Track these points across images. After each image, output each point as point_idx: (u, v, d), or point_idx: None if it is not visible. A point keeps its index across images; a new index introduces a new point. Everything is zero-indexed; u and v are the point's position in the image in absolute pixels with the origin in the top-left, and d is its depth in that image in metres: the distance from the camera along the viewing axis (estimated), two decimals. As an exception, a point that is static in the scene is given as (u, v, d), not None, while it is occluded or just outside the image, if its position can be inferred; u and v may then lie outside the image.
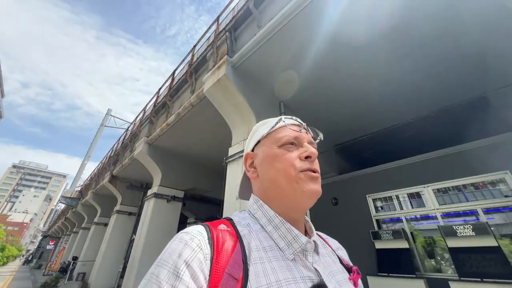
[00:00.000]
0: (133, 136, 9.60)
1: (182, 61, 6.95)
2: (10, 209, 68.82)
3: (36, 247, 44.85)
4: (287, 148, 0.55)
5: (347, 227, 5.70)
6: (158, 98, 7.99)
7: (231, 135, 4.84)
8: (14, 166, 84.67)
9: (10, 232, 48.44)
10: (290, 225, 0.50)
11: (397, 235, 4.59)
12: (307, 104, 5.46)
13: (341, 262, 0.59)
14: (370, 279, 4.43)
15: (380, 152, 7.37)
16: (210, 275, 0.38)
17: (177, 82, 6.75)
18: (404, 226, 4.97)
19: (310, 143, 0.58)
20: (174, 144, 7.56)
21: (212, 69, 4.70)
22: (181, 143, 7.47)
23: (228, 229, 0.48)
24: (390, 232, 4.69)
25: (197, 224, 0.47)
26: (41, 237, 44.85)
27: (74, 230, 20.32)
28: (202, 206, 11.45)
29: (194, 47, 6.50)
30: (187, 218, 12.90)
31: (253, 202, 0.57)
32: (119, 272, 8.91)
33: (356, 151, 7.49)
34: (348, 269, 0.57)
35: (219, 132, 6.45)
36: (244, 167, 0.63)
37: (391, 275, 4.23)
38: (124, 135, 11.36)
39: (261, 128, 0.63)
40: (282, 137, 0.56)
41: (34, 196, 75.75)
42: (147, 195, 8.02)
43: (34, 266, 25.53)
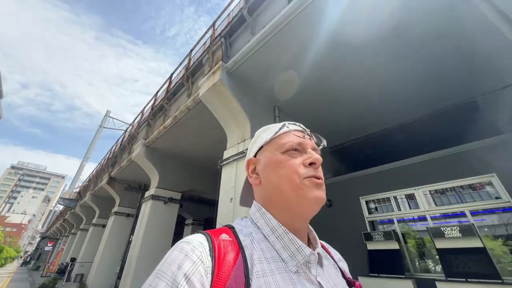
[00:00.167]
0: (131, 138, 9.69)
1: (180, 64, 7.07)
2: (8, 210, 68.60)
3: (34, 248, 44.72)
4: (291, 154, 0.54)
5: (341, 228, 5.80)
6: (155, 101, 8.10)
7: (227, 138, 4.95)
8: (12, 167, 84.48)
9: (8, 233, 48.25)
10: (293, 235, 0.49)
11: (387, 236, 4.69)
12: (302, 107, 5.57)
13: (343, 275, 0.57)
14: (361, 279, 4.52)
15: (374, 155, 7.49)
16: None
17: (174, 86, 6.87)
18: (395, 227, 5.08)
19: (314, 149, 0.57)
20: (172, 146, 7.66)
21: (208, 74, 4.81)
22: (178, 145, 7.57)
23: (230, 238, 0.46)
24: (381, 234, 4.80)
25: (197, 232, 0.46)
26: (39, 238, 44.73)
27: (72, 232, 20.34)
28: (199, 207, 11.52)
29: (191, 51, 6.61)
30: (185, 219, 12.99)
31: (255, 210, 0.55)
32: (117, 273, 8.97)
33: (350, 153, 7.60)
34: (350, 282, 0.56)
35: (215, 135, 6.55)
36: (246, 173, 0.62)
37: (381, 275, 4.34)
38: (122, 137, 11.46)
39: (263, 134, 0.62)
40: (285, 143, 0.55)
41: (33, 197, 75.54)
42: (145, 197, 8.11)
43: (32, 267, 25.49)
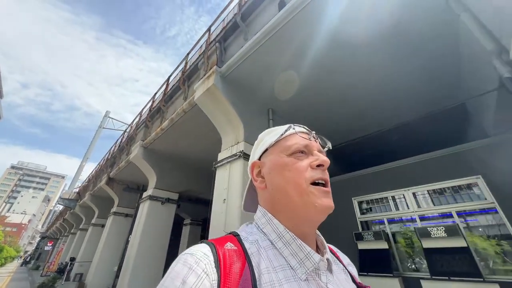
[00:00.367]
0: (129, 140, 9.82)
1: (177, 67, 7.21)
2: (8, 210, 68.74)
3: (34, 248, 44.86)
4: (297, 156, 0.53)
5: (334, 229, 5.92)
6: (153, 103, 8.23)
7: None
8: (12, 167, 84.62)
9: (8, 233, 48.37)
10: (301, 241, 0.47)
11: (377, 236, 4.83)
12: (295, 110, 5.69)
13: (353, 280, 0.56)
14: (351, 278, 4.65)
15: (367, 156, 7.62)
16: None
17: (171, 88, 6.99)
18: (385, 227, 5.22)
19: (320, 151, 0.56)
20: (169, 147, 7.78)
21: (203, 78, 4.94)
22: (175, 146, 7.69)
23: (235, 248, 0.45)
24: (372, 234, 4.93)
25: (201, 242, 0.46)
26: (39, 238, 44.87)
27: (72, 231, 20.48)
28: (197, 207, 11.64)
29: (188, 54, 6.74)
30: (183, 220, 13.11)
31: (261, 215, 0.53)
32: (115, 272, 9.10)
33: (343, 154, 7.73)
34: (360, 287, 0.55)
35: (212, 137, 6.67)
36: (250, 177, 0.60)
37: (370, 274, 4.47)
38: (121, 138, 11.59)
39: (267, 137, 0.61)
40: (292, 145, 0.54)
41: (33, 197, 75.68)
42: (142, 197, 8.24)
43: (32, 267, 25.64)
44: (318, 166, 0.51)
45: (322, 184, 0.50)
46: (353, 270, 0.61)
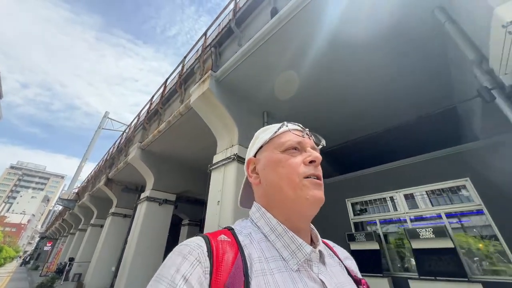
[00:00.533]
0: (127, 141, 9.92)
1: (174, 70, 7.31)
2: (8, 210, 68.74)
3: (33, 248, 44.89)
4: (291, 153, 0.54)
5: (328, 229, 6.03)
6: (151, 105, 8.33)
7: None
8: (12, 167, 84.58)
9: (8, 233, 48.40)
10: (293, 233, 0.49)
11: (369, 237, 4.93)
12: (290, 113, 5.79)
13: (349, 273, 0.56)
14: (343, 278, 4.76)
15: (362, 158, 7.73)
16: None
17: (168, 91, 7.10)
18: (377, 228, 5.33)
19: (313, 148, 0.57)
20: (166, 149, 7.89)
21: (198, 82, 5.04)
22: (172, 148, 7.80)
23: (229, 239, 0.46)
24: (363, 234, 5.04)
25: (195, 235, 0.47)
26: (38, 238, 44.92)
27: (71, 232, 20.55)
28: (195, 208, 11.73)
29: (185, 58, 6.85)
30: (182, 220, 13.21)
31: (255, 210, 0.55)
32: (113, 273, 9.20)
33: (338, 156, 7.84)
34: (357, 281, 0.55)
35: (208, 139, 6.75)
36: (246, 173, 0.62)
37: (361, 274, 4.57)
38: (119, 139, 11.68)
39: (262, 134, 0.62)
40: (285, 141, 0.56)
41: (32, 197, 75.64)
42: (140, 198, 8.34)
43: (31, 267, 25.70)
44: (311, 162, 0.53)
45: (315, 179, 0.52)
46: (350, 263, 0.62)
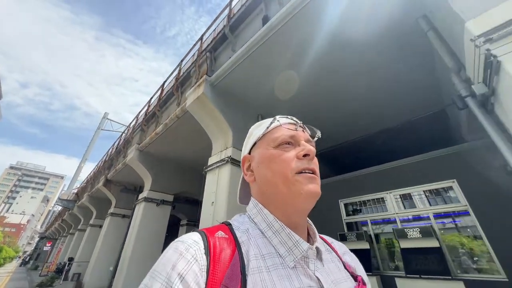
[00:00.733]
0: (126, 142, 10.05)
1: (171, 73, 7.45)
2: (7, 210, 68.80)
3: (33, 248, 44.98)
4: (284, 148, 0.53)
5: (321, 230, 6.16)
6: (149, 107, 8.47)
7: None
8: (11, 167, 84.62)
9: (7, 233, 48.49)
10: (290, 230, 0.48)
11: (360, 237, 5.08)
12: (286, 114, 5.90)
13: (346, 268, 0.56)
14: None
15: (356, 159, 7.87)
16: None
17: (165, 94, 7.24)
18: (369, 228, 5.47)
19: (308, 141, 0.56)
20: (164, 150, 8.02)
21: (194, 86, 5.18)
22: (170, 150, 7.93)
23: (226, 236, 0.46)
24: (354, 234, 5.18)
25: (193, 231, 0.46)
26: (38, 238, 45.01)
27: (70, 232, 20.66)
28: (193, 208, 11.85)
29: (182, 61, 6.98)
30: (180, 220, 13.34)
31: (252, 206, 0.55)
32: (111, 272, 9.33)
33: (333, 157, 7.99)
34: (354, 277, 0.54)
35: (205, 141, 6.86)
36: (242, 171, 0.62)
37: (351, 273, 4.71)
38: (118, 141, 11.82)
39: (256, 130, 0.62)
40: (277, 137, 0.55)
41: (32, 197, 75.72)
42: (138, 199, 8.48)
43: (30, 267, 25.82)
44: (305, 156, 0.52)
45: (309, 173, 0.51)
46: (348, 258, 0.61)
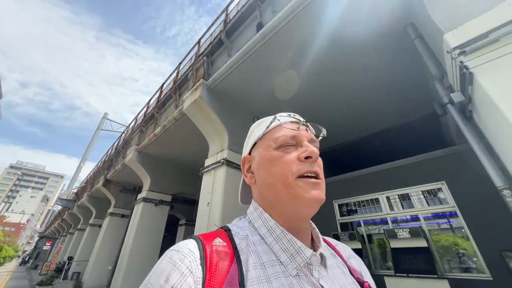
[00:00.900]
0: (125, 143, 10.18)
1: (169, 76, 7.57)
2: (7, 209, 68.93)
3: (32, 247, 45.11)
4: (285, 149, 0.50)
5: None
6: (148, 109, 8.59)
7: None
8: (11, 167, 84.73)
9: (7, 232, 48.61)
10: (292, 236, 0.46)
11: (352, 237, 5.21)
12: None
13: (352, 274, 0.53)
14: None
15: (354, 160, 8.00)
16: None
17: (164, 96, 7.36)
18: (361, 229, 5.61)
19: (312, 141, 0.53)
20: (162, 152, 8.15)
21: (191, 89, 5.31)
22: (168, 151, 8.06)
23: (224, 243, 0.44)
24: (347, 235, 5.31)
25: (190, 237, 0.44)
26: (37, 237, 45.15)
27: (70, 231, 20.80)
28: (192, 208, 11.93)
29: (180, 64, 7.11)
30: (179, 220, 13.47)
31: (253, 210, 0.53)
32: (110, 271, 9.46)
33: (330, 158, 8.11)
34: (360, 283, 0.51)
35: (203, 142, 6.98)
36: (242, 172, 0.59)
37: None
38: (117, 141, 11.95)
39: (256, 129, 0.58)
40: (278, 137, 0.51)
41: (31, 196, 75.85)
42: (137, 199, 8.61)
43: (30, 266, 25.95)
44: (307, 158, 0.48)
45: (312, 177, 0.47)
46: (354, 262, 0.58)
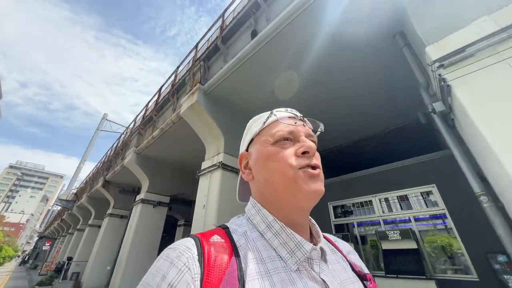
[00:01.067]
0: (124, 145, 10.29)
1: (168, 79, 7.69)
2: (7, 209, 68.95)
3: (32, 247, 45.18)
4: (282, 145, 0.50)
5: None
6: (146, 111, 8.71)
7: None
8: (11, 166, 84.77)
9: (7, 232, 48.66)
10: (291, 230, 0.45)
11: (345, 239, 5.32)
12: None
13: (352, 268, 0.53)
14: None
15: (347, 163, 8.13)
16: None
17: (162, 99, 7.48)
18: (355, 230, 5.73)
19: (309, 136, 0.52)
20: (161, 154, 8.26)
21: (188, 94, 5.42)
22: (166, 153, 8.17)
23: (222, 240, 0.43)
24: (340, 236, 5.42)
25: (187, 236, 0.44)
26: (37, 238, 45.22)
27: (69, 231, 20.88)
28: (190, 209, 12.08)
29: (178, 68, 7.23)
30: (177, 221, 13.58)
31: (251, 206, 0.52)
32: (109, 271, 9.56)
33: (328, 160, 8.23)
34: (361, 276, 0.52)
35: (200, 145, 7.11)
36: (239, 169, 0.59)
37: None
38: (117, 143, 12.06)
39: (253, 125, 0.58)
40: (275, 133, 0.51)
41: (31, 196, 75.90)
42: (135, 200, 8.71)
43: (30, 266, 26.04)
44: (304, 153, 0.48)
45: (312, 168, 0.47)
46: (354, 258, 0.58)
